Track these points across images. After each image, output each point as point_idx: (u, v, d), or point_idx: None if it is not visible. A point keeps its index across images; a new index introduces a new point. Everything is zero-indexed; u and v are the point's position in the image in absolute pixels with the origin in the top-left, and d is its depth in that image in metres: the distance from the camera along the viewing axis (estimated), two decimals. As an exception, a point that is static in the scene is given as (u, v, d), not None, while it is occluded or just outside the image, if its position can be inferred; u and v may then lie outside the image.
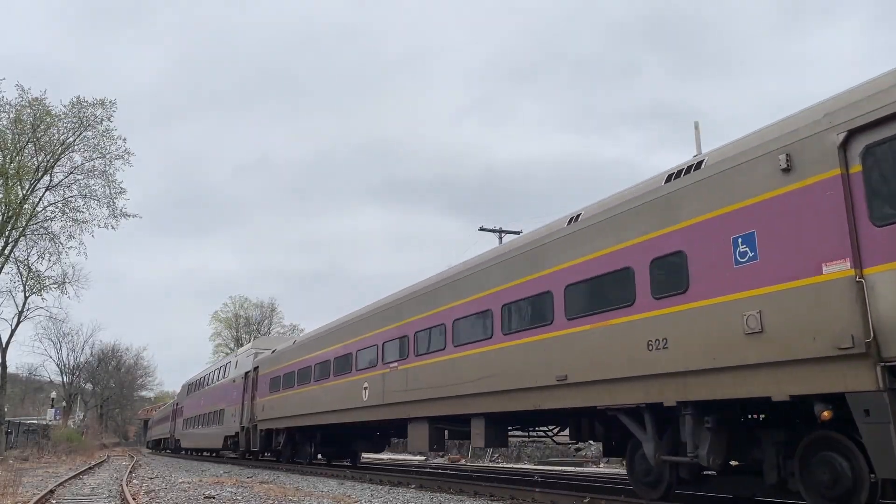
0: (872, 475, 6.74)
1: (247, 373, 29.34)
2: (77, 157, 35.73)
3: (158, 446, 62.28)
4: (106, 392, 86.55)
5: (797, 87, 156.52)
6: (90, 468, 24.09)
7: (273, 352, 26.91)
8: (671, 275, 8.67)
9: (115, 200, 35.64)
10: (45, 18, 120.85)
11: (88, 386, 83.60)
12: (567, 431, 13.61)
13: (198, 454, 45.37)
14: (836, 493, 7.12)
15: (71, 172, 35.76)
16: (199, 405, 40.20)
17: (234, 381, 31.49)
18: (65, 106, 34.61)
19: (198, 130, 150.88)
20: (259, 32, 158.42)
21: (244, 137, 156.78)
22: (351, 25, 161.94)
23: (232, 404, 31.22)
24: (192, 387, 45.60)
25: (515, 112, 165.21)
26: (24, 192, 34.65)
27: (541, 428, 14.80)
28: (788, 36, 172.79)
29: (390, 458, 35.08)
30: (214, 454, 41.68)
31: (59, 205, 35.85)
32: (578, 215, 10.69)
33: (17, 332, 41.46)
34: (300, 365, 22.52)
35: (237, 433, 29.77)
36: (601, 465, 27.48)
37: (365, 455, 28.37)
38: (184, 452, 48.57)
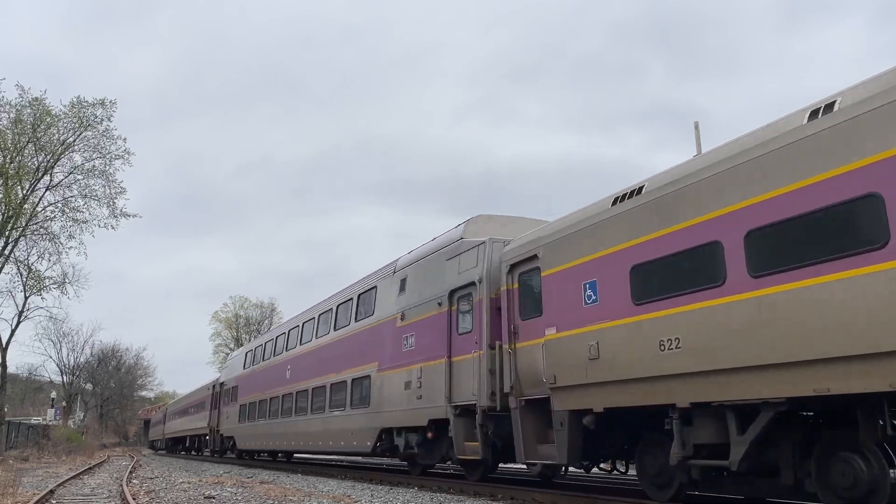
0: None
1: (462, 287, 13.51)
2: (77, 157, 35.77)
3: (180, 446, 49.01)
4: (106, 392, 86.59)
5: (798, 86, 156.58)
6: (90, 468, 24.08)
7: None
8: None
9: (115, 200, 35.65)
10: (45, 18, 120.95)
11: (88, 386, 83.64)
12: None
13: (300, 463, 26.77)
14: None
15: (71, 172, 35.78)
16: (285, 378, 23.92)
17: (401, 317, 15.85)
18: (65, 106, 34.65)
19: (198, 130, 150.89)
20: (260, 32, 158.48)
21: (245, 137, 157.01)
22: (352, 25, 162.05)
23: (399, 364, 15.56)
24: (265, 351, 28.04)
25: (516, 111, 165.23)
26: (24, 192, 34.69)
27: None
28: (790, 35, 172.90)
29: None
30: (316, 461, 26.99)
31: (59, 205, 35.87)
32: None
33: (17, 332, 41.42)
34: None
35: (435, 421, 14.02)
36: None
37: None
38: (238, 456, 31.80)
